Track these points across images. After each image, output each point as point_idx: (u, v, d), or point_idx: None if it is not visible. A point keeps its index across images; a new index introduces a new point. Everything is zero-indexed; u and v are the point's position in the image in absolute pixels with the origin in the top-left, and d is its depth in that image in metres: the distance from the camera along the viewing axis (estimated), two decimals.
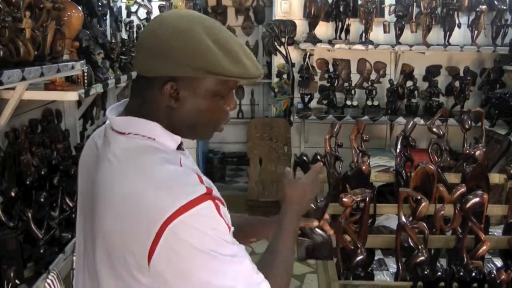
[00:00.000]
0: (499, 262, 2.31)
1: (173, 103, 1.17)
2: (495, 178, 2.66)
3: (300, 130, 5.53)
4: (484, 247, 1.72)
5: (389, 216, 2.69)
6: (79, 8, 2.87)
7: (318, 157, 1.64)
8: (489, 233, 2.58)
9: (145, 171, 1.12)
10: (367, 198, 1.99)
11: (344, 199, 1.95)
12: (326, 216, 1.64)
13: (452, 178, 2.62)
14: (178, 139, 1.23)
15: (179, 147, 1.25)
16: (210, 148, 6.65)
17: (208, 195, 1.10)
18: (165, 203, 1.06)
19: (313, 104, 5.35)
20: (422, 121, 4.69)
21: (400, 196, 2.00)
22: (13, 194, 2.06)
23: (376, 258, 2.40)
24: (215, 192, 1.15)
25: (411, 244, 1.97)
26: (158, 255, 1.06)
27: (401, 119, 4.85)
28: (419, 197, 1.98)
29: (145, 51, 1.18)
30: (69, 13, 2.77)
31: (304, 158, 1.67)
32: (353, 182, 2.43)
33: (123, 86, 4.57)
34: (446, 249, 2.12)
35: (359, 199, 1.97)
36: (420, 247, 1.80)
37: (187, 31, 1.13)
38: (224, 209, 1.15)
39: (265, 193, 5.35)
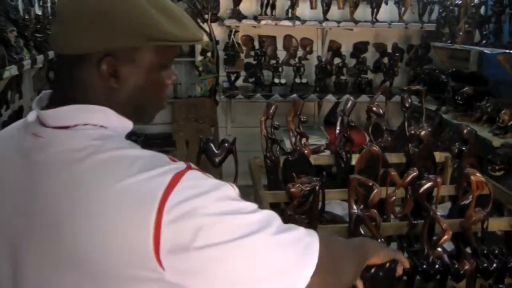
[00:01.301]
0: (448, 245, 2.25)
1: (113, 82, 1.00)
2: (436, 156, 2.59)
3: (226, 110, 5.36)
4: (446, 237, 1.62)
5: (330, 201, 2.57)
6: None
7: (226, 144, 1.47)
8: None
9: (114, 164, 0.94)
10: (317, 187, 1.85)
11: (292, 189, 1.81)
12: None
13: (393, 158, 2.54)
14: (130, 124, 1.05)
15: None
16: (133, 130, 6.34)
17: (189, 168, 0.96)
18: (151, 188, 0.90)
19: (240, 82, 5.18)
20: (352, 99, 4.61)
21: (351, 183, 1.87)
22: None
23: None
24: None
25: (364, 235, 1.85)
26: (168, 245, 0.88)
27: (330, 97, 4.78)
28: (370, 184, 1.85)
29: (69, 23, 0.98)
30: None
31: (211, 144, 1.50)
32: (296, 168, 2.29)
33: (39, 66, 4.25)
34: (398, 236, 2.03)
35: (308, 188, 1.83)
36: (380, 239, 1.68)
37: None
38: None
39: None
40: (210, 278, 0.91)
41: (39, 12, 4.15)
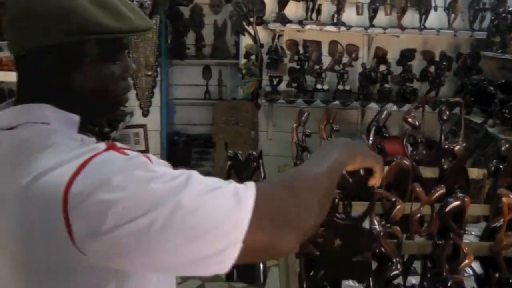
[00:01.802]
0: (477, 266, 2.13)
1: (58, 79, 1.01)
2: (473, 172, 2.47)
3: (268, 114, 5.31)
4: (467, 261, 1.53)
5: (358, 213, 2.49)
6: None
7: (252, 158, 1.42)
8: (466, 232, 2.41)
9: (30, 157, 0.93)
10: (336, 199, 1.77)
11: None
12: None
13: (428, 173, 2.43)
14: (75, 118, 1.02)
15: (86, 130, 1.07)
16: (176, 130, 6.40)
17: (107, 149, 0.94)
18: (58, 177, 0.88)
19: (283, 87, 5.13)
20: (395, 107, 4.50)
21: (373, 197, 1.79)
22: None
23: None
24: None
25: (383, 251, 1.76)
26: (80, 231, 0.86)
27: (373, 105, 4.66)
28: (393, 199, 1.77)
29: (11, 26, 1.01)
30: None
31: (239, 159, 1.45)
32: None
33: None
34: (422, 255, 1.93)
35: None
36: (394, 260, 1.60)
37: None
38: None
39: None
40: (134, 255, 0.87)
41: None
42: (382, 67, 4.94)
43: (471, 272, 2.15)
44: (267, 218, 0.91)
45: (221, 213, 0.88)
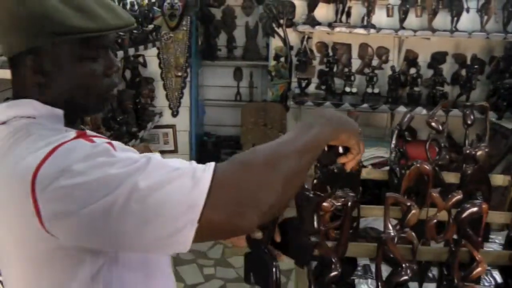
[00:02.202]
0: (498, 275, 2.08)
1: (40, 78, 1.07)
2: (498, 179, 2.42)
3: (296, 116, 5.29)
4: (479, 269, 1.49)
5: (378, 218, 2.45)
6: None
7: None
8: (490, 240, 2.35)
9: (17, 145, 1.01)
10: (349, 203, 1.75)
11: (324, 204, 1.72)
12: (278, 236, 1.43)
13: (451, 178, 2.38)
14: (59, 112, 1.10)
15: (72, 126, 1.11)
16: (206, 130, 6.43)
17: (77, 137, 0.99)
18: (28, 163, 0.95)
19: (312, 89, 5.10)
20: (424, 111, 4.44)
21: (386, 201, 1.76)
22: None
23: (361, 264, 2.19)
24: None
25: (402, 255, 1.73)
26: (47, 214, 0.92)
27: (402, 108, 4.59)
28: (408, 204, 1.74)
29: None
30: None
31: None
32: (340, 181, 2.20)
33: None
34: (438, 262, 1.89)
35: (339, 204, 1.74)
36: (404, 265, 1.57)
37: None
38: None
39: None
40: (100, 235, 0.92)
41: None
42: (413, 70, 4.86)
43: (492, 281, 2.10)
44: (224, 198, 0.93)
45: (177, 194, 0.91)
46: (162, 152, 5.29)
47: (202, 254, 4.20)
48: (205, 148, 6.08)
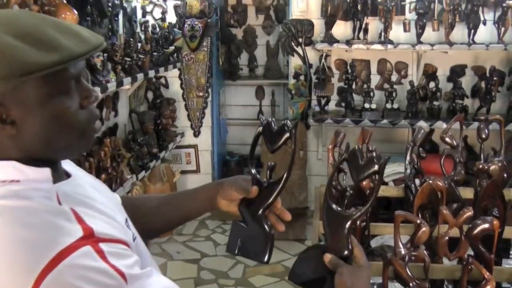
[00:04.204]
0: None
1: (10, 129, 0.92)
2: None
3: (317, 133, 5.27)
4: (488, 287, 1.45)
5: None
6: (73, 10, 2.69)
7: (286, 127, 1.31)
8: (510, 256, 2.29)
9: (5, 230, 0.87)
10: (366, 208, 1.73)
11: None
12: (279, 203, 1.33)
13: (468, 193, 2.34)
14: (45, 171, 0.97)
15: (59, 176, 1.00)
16: (229, 150, 6.44)
17: (85, 239, 0.87)
18: (27, 264, 0.83)
19: (331, 106, 5.08)
20: (444, 125, 4.37)
21: (396, 219, 1.73)
22: None
23: (376, 282, 2.14)
24: (105, 229, 0.92)
25: (409, 274, 1.70)
26: None
27: (422, 123, 4.53)
28: (418, 222, 1.71)
29: None
30: (63, 15, 2.62)
31: (273, 125, 1.34)
32: (352, 200, 2.18)
33: (137, 86, 4.44)
34: (452, 280, 1.85)
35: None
36: (412, 284, 1.53)
37: None
38: (117, 250, 0.91)
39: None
40: None
41: (142, 36, 4.36)
42: (432, 84, 4.81)
43: None
44: None
45: None
46: (185, 172, 5.33)
47: (223, 274, 4.18)
48: (228, 167, 6.08)
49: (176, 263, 4.44)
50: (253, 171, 1.36)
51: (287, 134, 1.32)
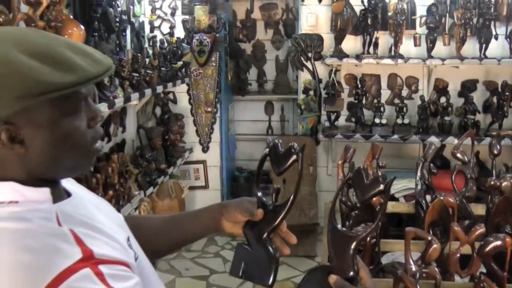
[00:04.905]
0: None
1: (19, 149, 0.92)
2: None
3: (327, 149, 5.27)
4: None
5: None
6: (80, 25, 2.71)
7: (293, 150, 1.30)
8: None
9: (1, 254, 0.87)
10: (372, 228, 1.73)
11: None
12: (284, 226, 1.32)
13: (480, 210, 2.33)
14: (45, 191, 0.97)
15: (59, 195, 1.00)
16: (238, 165, 6.44)
17: (84, 261, 0.86)
18: (28, 285, 0.83)
19: (341, 122, 5.09)
20: (456, 141, 4.36)
21: (407, 236, 1.73)
22: None
23: None
24: (105, 250, 0.91)
25: None
26: None
27: (433, 138, 4.52)
28: (429, 238, 1.71)
29: None
30: (69, 31, 2.63)
31: (280, 147, 1.33)
32: (361, 215, 2.18)
33: (145, 101, 4.47)
34: None
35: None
36: None
37: None
38: (117, 272, 0.90)
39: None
40: None
41: (150, 51, 4.39)
42: (443, 99, 4.80)
43: None
44: None
45: None
46: (193, 188, 5.34)
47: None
48: (237, 183, 6.08)
49: (185, 279, 4.44)
50: (259, 193, 1.35)
51: (294, 157, 1.30)
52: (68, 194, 1.05)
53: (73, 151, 0.98)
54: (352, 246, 1.21)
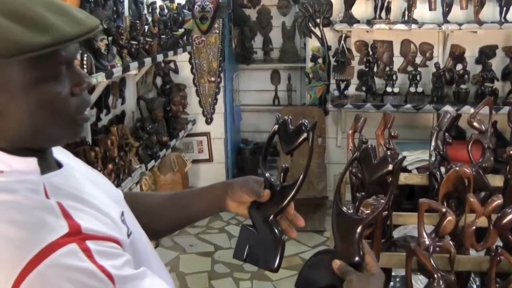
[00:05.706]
0: None
1: None
2: None
3: (337, 119, 5.26)
4: None
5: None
6: None
7: (304, 128, 1.27)
8: None
9: None
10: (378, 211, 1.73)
11: None
12: (292, 208, 1.31)
13: (497, 181, 2.32)
14: (32, 161, 0.94)
15: (47, 166, 0.98)
16: (243, 137, 6.45)
17: (70, 236, 0.84)
18: (9, 261, 0.81)
19: (351, 91, 5.07)
20: (472, 110, 4.33)
21: (420, 208, 1.73)
22: None
23: (399, 274, 2.15)
24: (95, 225, 0.90)
25: (434, 266, 1.70)
26: None
27: (448, 107, 4.49)
28: (443, 210, 1.70)
29: None
30: None
31: (290, 125, 1.31)
32: (373, 188, 2.17)
33: (145, 71, 4.45)
34: (479, 272, 1.84)
35: (368, 211, 1.71)
36: (436, 275, 1.53)
37: None
38: (106, 248, 0.89)
39: None
40: None
41: (149, 18, 4.36)
42: (459, 66, 4.76)
43: None
44: None
45: None
46: (197, 162, 5.35)
47: (238, 267, 4.20)
48: (242, 156, 6.09)
49: (189, 256, 4.48)
50: (267, 174, 1.33)
51: (305, 135, 1.27)
52: (59, 166, 1.03)
53: (54, 119, 0.93)
54: (358, 230, 1.21)
